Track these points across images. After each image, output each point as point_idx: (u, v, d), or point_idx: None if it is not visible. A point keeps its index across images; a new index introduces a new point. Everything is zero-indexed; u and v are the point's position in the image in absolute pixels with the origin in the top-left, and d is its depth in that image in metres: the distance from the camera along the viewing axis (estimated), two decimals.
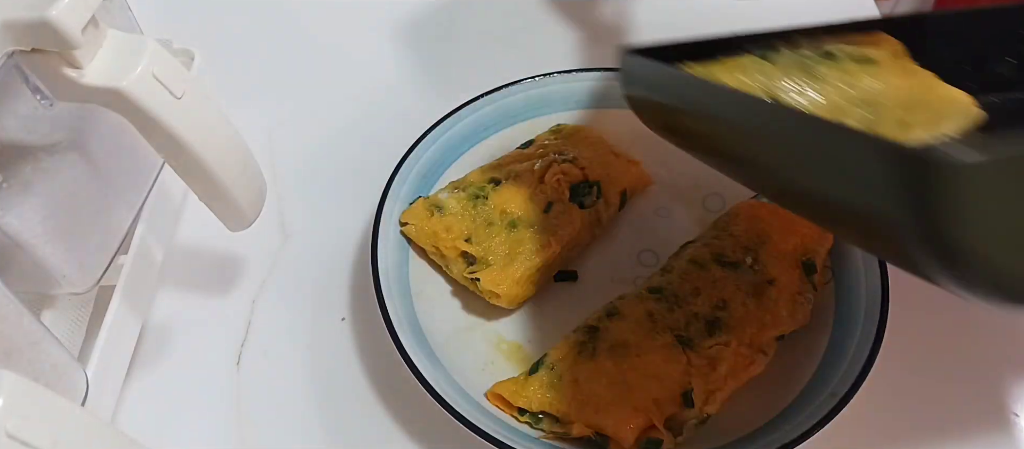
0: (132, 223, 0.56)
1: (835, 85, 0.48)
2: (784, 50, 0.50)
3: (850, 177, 0.36)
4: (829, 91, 0.47)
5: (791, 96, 0.47)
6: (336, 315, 0.61)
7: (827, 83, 0.48)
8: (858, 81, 0.48)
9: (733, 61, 0.49)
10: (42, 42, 0.42)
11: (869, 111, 0.47)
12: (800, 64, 0.49)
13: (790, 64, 0.49)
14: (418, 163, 0.63)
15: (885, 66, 0.50)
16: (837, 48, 0.50)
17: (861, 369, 0.50)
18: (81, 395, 0.48)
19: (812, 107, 0.47)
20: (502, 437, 0.49)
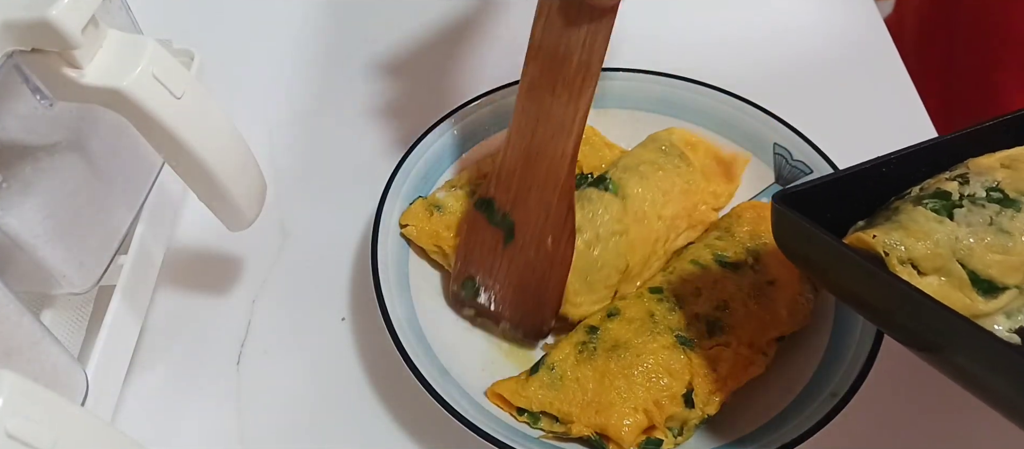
0: (132, 223, 0.56)
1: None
2: (959, 195, 0.46)
3: None
4: (1019, 250, 0.44)
5: (982, 259, 0.44)
6: (336, 315, 0.61)
7: (1017, 240, 0.44)
8: None
9: (910, 219, 0.45)
10: (42, 42, 0.42)
11: None
12: (984, 219, 0.45)
13: (974, 220, 0.45)
14: (418, 163, 0.62)
15: None
16: (1016, 191, 0.46)
17: (860, 370, 0.50)
18: (81, 395, 0.48)
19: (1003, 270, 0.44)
20: (501, 436, 0.49)
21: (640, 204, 0.58)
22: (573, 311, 0.56)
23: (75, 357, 0.48)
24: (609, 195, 0.58)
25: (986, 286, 0.44)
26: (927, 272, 0.44)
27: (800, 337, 0.55)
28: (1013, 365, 0.37)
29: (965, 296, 0.44)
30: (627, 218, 0.57)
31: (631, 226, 0.57)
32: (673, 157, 0.61)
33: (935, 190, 0.47)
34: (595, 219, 0.57)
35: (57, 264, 0.50)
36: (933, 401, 0.55)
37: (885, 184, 0.48)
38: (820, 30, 0.79)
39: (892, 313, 0.43)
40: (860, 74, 0.76)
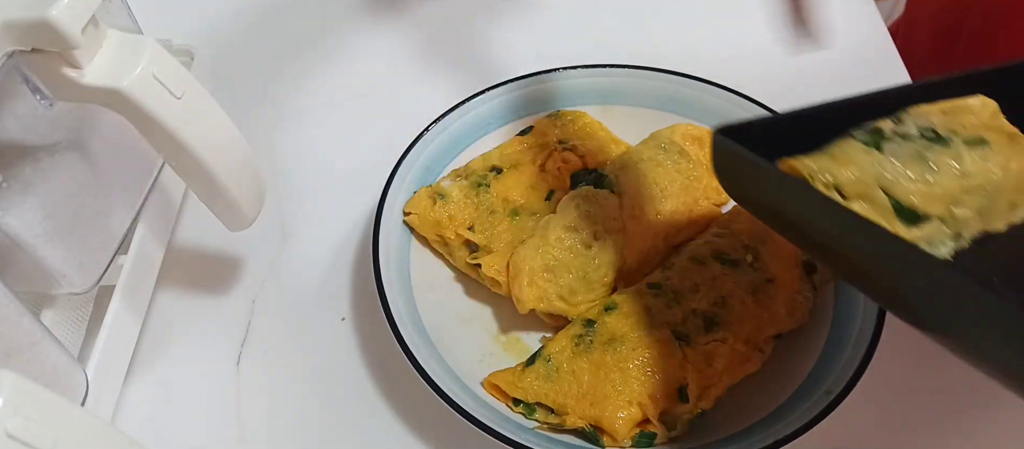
0: (132, 223, 0.56)
1: (950, 174, 0.47)
2: (891, 132, 0.48)
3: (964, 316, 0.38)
4: (945, 181, 0.46)
5: (905, 188, 0.46)
6: (336, 315, 0.61)
7: (942, 173, 0.46)
8: (974, 167, 0.47)
9: (839, 149, 0.47)
10: (42, 42, 0.42)
11: (984, 198, 0.47)
12: (912, 152, 0.47)
13: (901, 152, 0.47)
14: (422, 155, 0.63)
15: (997, 145, 0.48)
16: (945, 129, 0.48)
17: (856, 368, 0.50)
18: (81, 395, 0.48)
19: (924, 199, 0.46)
20: (498, 427, 0.49)
21: (637, 201, 0.58)
22: (571, 310, 0.56)
23: (75, 357, 0.48)
24: (606, 193, 0.58)
25: (908, 215, 0.45)
26: (851, 197, 0.46)
27: (797, 335, 0.55)
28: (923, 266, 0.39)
29: (887, 223, 0.45)
30: (624, 215, 0.57)
31: (629, 223, 0.57)
32: (672, 154, 0.62)
33: (870, 128, 0.48)
34: (593, 217, 0.57)
35: (57, 264, 0.50)
36: (929, 400, 0.55)
37: (828, 129, 0.49)
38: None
39: (817, 232, 0.45)
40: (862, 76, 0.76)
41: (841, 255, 0.45)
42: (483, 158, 0.64)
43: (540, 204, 0.61)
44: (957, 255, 0.46)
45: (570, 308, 0.56)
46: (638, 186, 0.59)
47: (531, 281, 0.55)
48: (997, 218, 0.48)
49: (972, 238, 0.47)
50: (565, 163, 0.63)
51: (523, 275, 0.55)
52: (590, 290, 0.56)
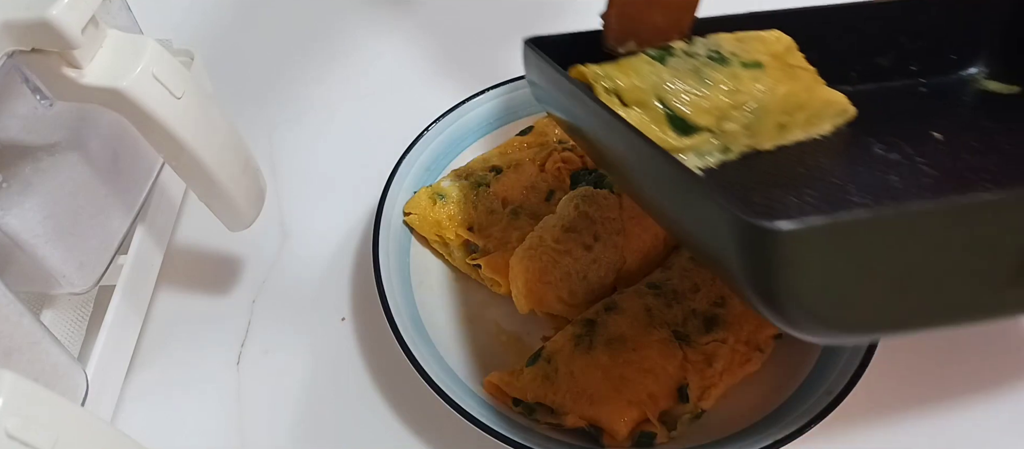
0: (132, 223, 0.56)
1: (721, 90, 0.50)
2: (680, 51, 0.52)
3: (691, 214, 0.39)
4: (715, 96, 0.50)
5: (679, 99, 0.49)
6: (336, 315, 0.61)
7: (715, 88, 0.50)
8: (744, 86, 0.50)
9: (628, 61, 0.51)
10: (42, 42, 0.42)
11: (751, 115, 0.51)
12: (692, 68, 0.51)
13: (682, 67, 0.51)
14: (422, 155, 0.63)
15: (771, 70, 0.52)
16: (729, 51, 0.52)
17: (857, 368, 0.50)
18: (81, 395, 0.48)
19: (695, 110, 0.49)
20: (496, 426, 0.49)
21: None
22: (571, 311, 0.56)
23: (75, 357, 0.48)
24: (606, 193, 0.58)
25: (681, 125, 0.49)
26: (629, 104, 0.50)
27: None
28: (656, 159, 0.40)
29: (660, 130, 0.49)
30: (624, 216, 0.57)
31: (628, 224, 0.57)
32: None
33: (663, 46, 0.52)
34: (592, 217, 0.57)
35: (57, 264, 0.50)
36: (929, 401, 0.55)
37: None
38: None
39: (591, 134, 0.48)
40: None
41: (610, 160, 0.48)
42: (483, 158, 0.64)
43: (540, 204, 0.61)
44: (723, 166, 0.51)
45: (570, 309, 0.56)
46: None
47: (530, 281, 0.55)
48: (765, 137, 0.52)
49: (741, 153, 0.51)
50: (565, 163, 0.63)
51: (523, 275, 0.55)
52: (590, 290, 0.56)
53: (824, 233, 0.33)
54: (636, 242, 0.57)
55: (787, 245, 0.32)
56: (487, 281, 0.58)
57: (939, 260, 0.35)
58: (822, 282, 0.34)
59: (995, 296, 0.37)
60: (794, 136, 0.53)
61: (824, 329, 0.36)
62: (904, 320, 0.37)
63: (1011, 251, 0.35)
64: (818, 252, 0.33)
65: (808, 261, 0.33)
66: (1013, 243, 0.35)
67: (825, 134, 0.54)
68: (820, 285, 0.34)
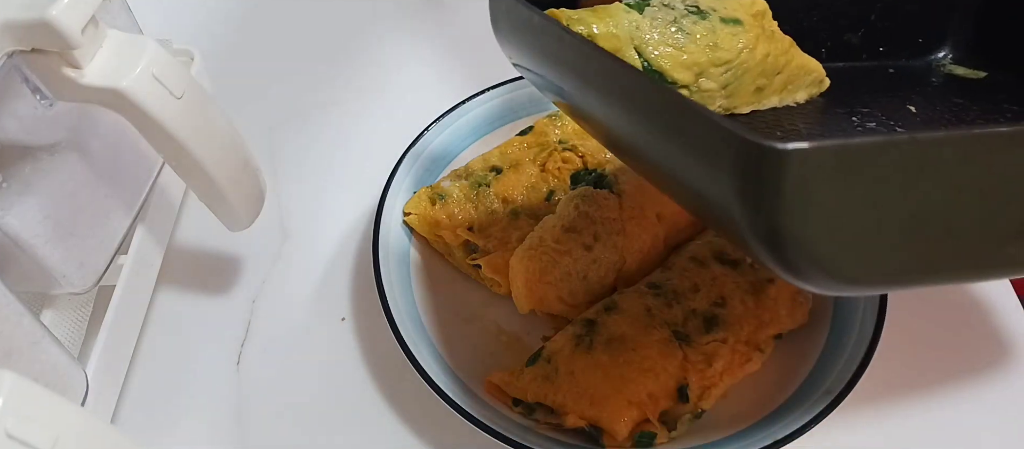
0: (132, 223, 0.56)
1: (700, 43, 0.48)
2: (659, 3, 0.50)
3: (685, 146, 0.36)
4: (694, 49, 0.48)
5: (656, 49, 0.47)
6: (336, 315, 0.61)
7: (693, 40, 0.48)
8: (723, 42, 0.49)
9: (603, 7, 0.49)
10: (42, 42, 0.42)
11: (729, 73, 0.49)
12: (670, 19, 0.49)
13: (660, 17, 0.49)
14: (422, 155, 0.63)
15: (749, 28, 0.50)
16: (708, 5, 0.50)
17: (856, 368, 0.50)
18: (81, 395, 0.48)
19: (673, 64, 0.47)
20: (496, 426, 0.49)
21: (638, 202, 0.58)
22: (571, 311, 0.56)
23: (75, 357, 0.48)
24: (606, 193, 0.58)
25: (656, 77, 0.47)
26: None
27: (798, 335, 0.55)
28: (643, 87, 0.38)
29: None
30: (624, 216, 0.57)
31: (628, 224, 0.57)
32: None
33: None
34: (592, 217, 0.57)
35: (57, 264, 0.50)
36: (929, 401, 0.55)
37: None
38: None
39: (565, 72, 0.45)
40: None
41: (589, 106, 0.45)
42: (483, 158, 0.64)
43: (540, 204, 0.61)
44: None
45: (570, 309, 0.56)
46: (638, 186, 0.59)
47: (531, 281, 0.55)
48: (742, 99, 0.50)
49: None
50: (565, 163, 0.63)
51: (523, 275, 0.55)
52: (590, 291, 0.56)
53: (835, 157, 0.30)
54: (636, 242, 0.57)
55: (795, 169, 0.30)
56: (487, 281, 0.58)
57: (949, 199, 0.33)
58: (830, 218, 0.31)
59: (1000, 249, 0.35)
60: (770, 101, 0.52)
61: (828, 275, 0.33)
62: (909, 270, 0.35)
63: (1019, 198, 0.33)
64: (827, 181, 0.30)
65: (816, 191, 0.30)
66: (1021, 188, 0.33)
67: (799, 102, 0.53)
68: (828, 221, 0.31)
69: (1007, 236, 0.35)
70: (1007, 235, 0.35)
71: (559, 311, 0.56)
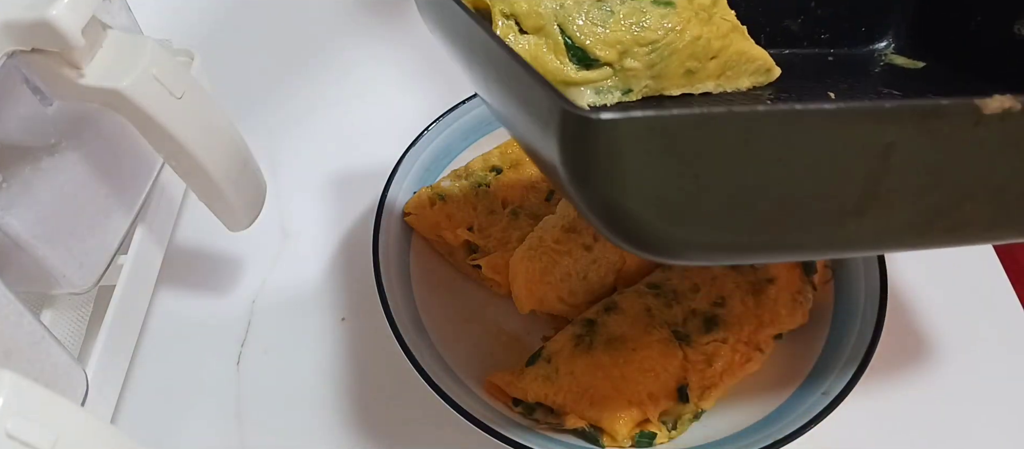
0: (132, 223, 0.55)
1: (625, 22, 0.47)
2: None
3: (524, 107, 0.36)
4: (617, 27, 0.47)
5: (579, 28, 0.46)
6: (336, 315, 0.61)
7: (617, 19, 0.47)
8: (649, 21, 0.47)
9: None
10: (42, 42, 0.42)
11: (654, 53, 0.47)
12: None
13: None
14: (422, 155, 0.63)
15: (681, 10, 0.48)
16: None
17: (856, 369, 0.50)
18: (81, 395, 0.48)
19: (595, 41, 0.46)
20: (496, 426, 0.49)
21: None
22: (571, 311, 0.56)
23: (75, 357, 0.48)
24: None
25: (580, 55, 0.46)
26: (528, 30, 0.46)
27: (798, 335, 0.55)
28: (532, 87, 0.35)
29: (557, 60, 0.46)
30: None
31: None
32: None
33: None
34: None
35: (57, 264, 0.50)
36: (929, 402, 0.55)
37: None
38: None
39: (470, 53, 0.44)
40: None
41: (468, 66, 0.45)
42: (483, 158, 0.64)
43: (540, 204, 0.61)
44: (620, 106, 0.47)
45: (570, 309, 0.56)
46: None
47: (531, 282, 0.55)
48: (670, 82, 0.49)
49: (642, 94, 0.48)
50: None
51: (523, 276, 0.55)
52: (590, 291, 0.56)
53: (649, 129, 0.30)
54: None
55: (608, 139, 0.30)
56: (487, 281, 0.58)
57: (778, 174, 0.33)
58: (651, 189, 0.31)
59: (838, 227, 0.35)
60: (704, 85, 0.50)
61: (656, 247, 0.33)
62: (745, 243, 0.35)
63: (856, 176, 0.33)
64: (644, 152, 0.30)
65: (633, 162, 0.31)
66: (858, 166, 0.33)
67: (741, 89, 0.51)
68: (649, 192, 0.31)
69: (843, 213, 0.34)
70: (843, 212, 0.34)
71: (559, 311, 0.56)
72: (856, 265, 0.56)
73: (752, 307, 0.54)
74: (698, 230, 0.33)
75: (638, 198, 0.32)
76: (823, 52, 0.58)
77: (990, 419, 0.54)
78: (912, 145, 0.33)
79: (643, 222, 0.32)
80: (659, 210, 0.32)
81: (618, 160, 0.31)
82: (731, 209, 0.33)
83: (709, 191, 0.32)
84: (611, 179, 0.31)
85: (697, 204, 0.32)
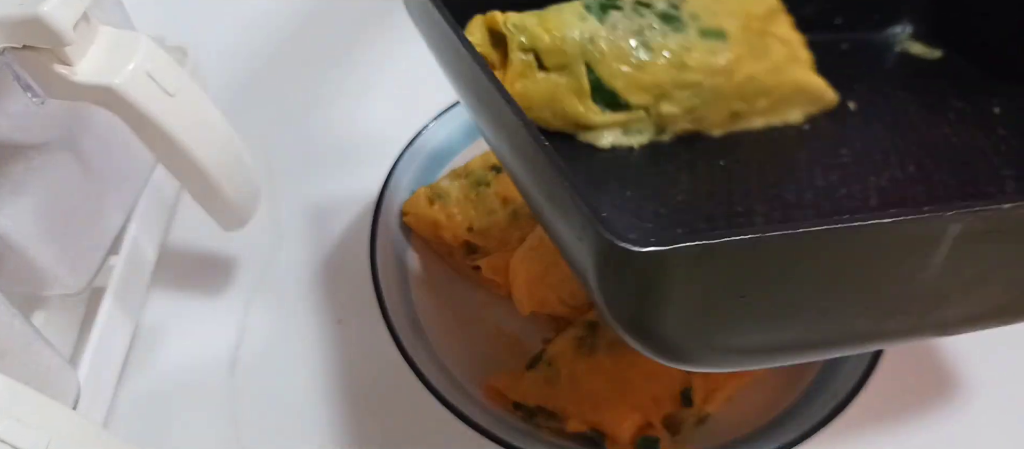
0: (124, 223, 0.55)
1: (666, 59, 0.41)
2: (632, 3, 0.43)
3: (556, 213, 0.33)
4: (655, 69, 0.41)
5: (609, 68, 0.41)
6: (333, 317, 0.60)
7: (658, 56, 0.41)
8: (694, 60, 0.42)
9: (555, 10, 0.42)
10: (34, 39, 0.41)
11: (698, 99, 0.43)
12: (635, 28, 0.42)
13: (623, 26, 0.42)
14: (420, 154, 0.63)
15: (735, 43, 0.43)
16: (690, 12, 0.43)
17: (863, 373, 0.50)
18: (73, 398, 0.48)
19: (628, 85, 0.41)
20: (496, 431, 0.49)
21: None
22: (573, 313, 0.56)
23: (67, 359, 0.48)
24: None
25: (609, 99, 0.42)
26: (550, 68, 0.41)
27: None
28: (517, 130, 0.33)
29: (580, 103, 0.41)
30: None
31: None
32: None
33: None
34: None
35: (48, 264, 0.49)
36: (935, 405, 0.55)
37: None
38: None
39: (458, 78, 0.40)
40: None
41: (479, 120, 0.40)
42: (483, 157, 0.63)
43: None
44: (652, 146, 0.43)
45: (572, 310, 0.55)
46: None
47: (531, 283, 0.55)
48: (713, 125, 0.44)
49: (675, 135, 0.43)
50: None
51: (523, 277, 0.55)
52: None
53: (698, 257, 0.28)
54: None
55: (651, 269, 0.28)
56: (487, 282, 0.58)
57: (819, 286, 0.31)
58: (693, 313, 0.30)
59: (878, 326, 0.34)
60: (750, 124, 0.45)
61: (685, 360, 0.32)
62: (778, 349, 0.33)
63: (890, 279, 0.32)
64: (689, 280, 0.28)
65: (678, 291, 0.29)
66: (891, 270, 0.31)
67: (791, 122, 0.46)
68: (689, 317, 0.30)
69: (883, 314, 0.33)
70: (883, 314, 0.33)
71: (561, 313, 0.56)
72: None
73: None
74: (735, 342, 0.32)
75: (676, 322, 0.30)
76: (837, 39, 0.54)
77: (1001, 420, 0.54)
78: (967, 247, 0.32)
79: (677, 341, 0.31)
80: (696, 330, 0.31)
81: (658, 289, 0.29)
82: (774, 322, 0.31)
83: (753, 309, 0.30)
84: (649, 306, 0.30)
85: (739, 321, 0.31)
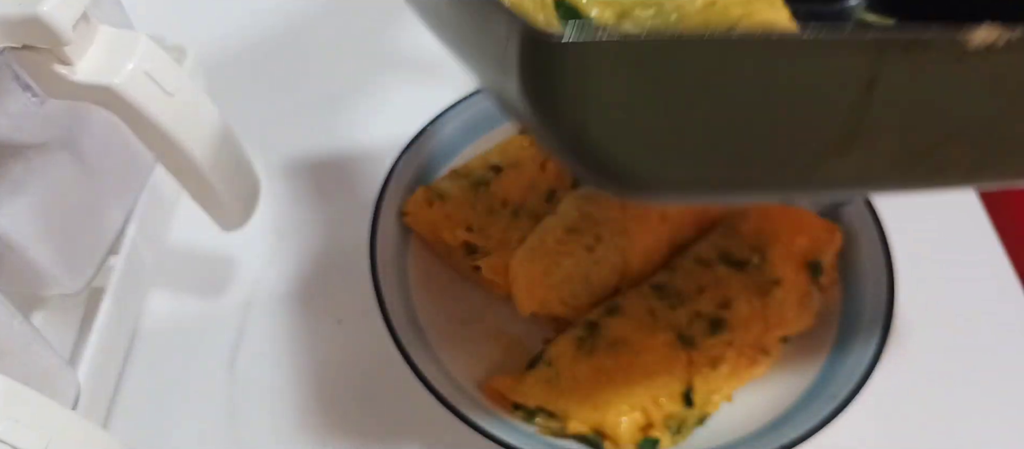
0: (124, 223, 0.55)
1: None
2: None
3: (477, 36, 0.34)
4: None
5: None
6: (332, 317, 0.60)
7: None
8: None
9: None
10: (33, 38, 0.41)
11: (659, 18, 0.43)
12: None
13: None
14: (420, 154, 0.63)
15: None
16: None
17: (863, 372, 0.50)
18: (72, 398, 0.48)
19: (591, 2, 0.42)
20: (496, 431, 0.49)
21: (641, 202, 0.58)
22: (573, 313, 0.55)
23: (66, 360, 0.48)
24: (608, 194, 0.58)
25: (570, 13, 0.43)
26: None
27: (805, 338, 0.55)
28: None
29: (542, 16, 0.42)
30: (627, 216, 0.57)
31: (631, 224, 0.57)
32: None
33: None
34: (595, 218, 0.56)
35: (47, 265, 0.49)
36: (937, 405, 0.55)
37: None
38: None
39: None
40: None
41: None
42: (483, 157, 0.63)
43: (541, 204, 0.60)
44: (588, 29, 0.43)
45: (572, 311, 0.55)
46: None
47: (532, 283, 0.55)
48: None
49: None
50: None
51: (524, 277, 0.55)
52: (592, 292, 0.56)
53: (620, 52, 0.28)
54: (639, 243, 0.57)
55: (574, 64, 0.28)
56: (487, 283, 0.58)
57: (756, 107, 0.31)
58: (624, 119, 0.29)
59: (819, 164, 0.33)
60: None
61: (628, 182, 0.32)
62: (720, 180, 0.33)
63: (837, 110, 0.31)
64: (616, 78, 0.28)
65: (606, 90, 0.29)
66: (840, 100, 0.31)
67: None
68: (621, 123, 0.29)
69: (824, 149, 0.33)
70: (824, 148, 0.33)
71: (561, 313, 0.55)
72: (863, 267, 0.55)
73: (758, 309, 0.54)
74: (674, 163, 0.32)
75: (609, 128, 0.30)
76: (795, 8, 0.51)
77: (1001, 421, 0.54)
78: (895, 79, 0.32)
79: (615, 155, 0.31)
80: (632, 142, 0.30)
81: (586, 87, 0.29)
82: (708, 142, 0.31)
83: (684, 121, 0.30)
84: (579, 108, 0.29)
85: (671, 135, 0.31)
